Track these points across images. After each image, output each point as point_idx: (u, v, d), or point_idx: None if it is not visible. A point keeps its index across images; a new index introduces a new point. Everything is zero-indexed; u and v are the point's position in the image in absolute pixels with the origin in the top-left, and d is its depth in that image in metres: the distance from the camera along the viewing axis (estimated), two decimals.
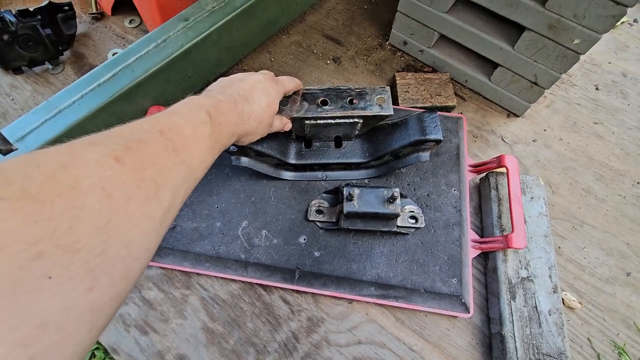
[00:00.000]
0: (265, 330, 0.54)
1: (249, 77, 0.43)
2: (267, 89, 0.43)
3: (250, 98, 0.40)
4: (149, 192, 0.24)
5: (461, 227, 0.58)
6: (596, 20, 0.53)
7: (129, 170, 0.23)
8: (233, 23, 0.67)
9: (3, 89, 0.74)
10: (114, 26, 0.84)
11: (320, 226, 0.57)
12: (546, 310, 0.52)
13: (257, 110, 0.41)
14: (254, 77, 0.43)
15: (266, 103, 0.42)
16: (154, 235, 0.25)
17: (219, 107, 0.35)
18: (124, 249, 0.21)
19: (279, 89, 0.45)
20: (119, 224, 0.21)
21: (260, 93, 0.42)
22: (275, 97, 0.44)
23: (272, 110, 0.44)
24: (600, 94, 0.79)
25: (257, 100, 0.41)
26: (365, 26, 0.86)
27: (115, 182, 0.22)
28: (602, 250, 0.62)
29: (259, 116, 0.41)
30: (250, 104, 0.40)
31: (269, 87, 0.43)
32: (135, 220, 0.22)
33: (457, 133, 0.66)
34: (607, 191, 0.67)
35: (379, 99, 0.52)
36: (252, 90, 0.41)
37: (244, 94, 0.40)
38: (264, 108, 0.42)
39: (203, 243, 0.56)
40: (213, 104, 0.35)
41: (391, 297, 0.54)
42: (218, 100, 0.36)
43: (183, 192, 0.28)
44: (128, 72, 0.59)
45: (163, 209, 0.25)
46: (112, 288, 0.21)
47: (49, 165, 0.20)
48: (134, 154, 0.24)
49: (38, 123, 0.53)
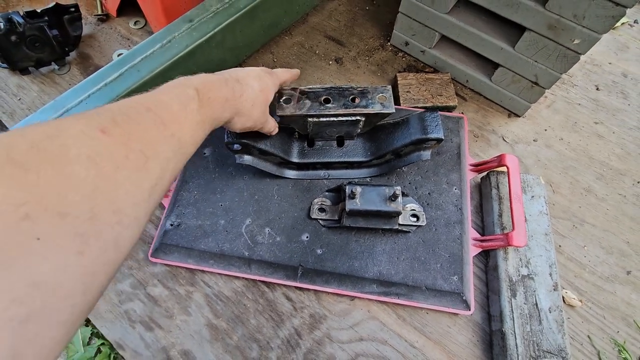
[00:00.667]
0: (269, 326, 0.55)
1: (244, 68, 0.46)
2: (261, 76, 0.45)
3: (243, 81, 0.42)
4: (137, 163, 0.25)
5: (462, 226, 0.58)
6: (596, 20, 0.54)
7: (117, 142, 0.24)
8: (236, 24, 0.68)
9: (10, 89, 0.75)
10: (119, 27, 0.85)
11: (323, 224, 0.58)
12: (546, 307, 0.53)
13: (249, 92, 0.42)
14: (246, 68, 0.46)
15: (259, 87, 0.43)
16: (143, 205, 0.25)
17: (207, 84, 0.36)
18: (113, 216, 0.22)
19: (273, 79, 0.47)
20: (108, 192, 0.22)
21: (253, 79, 0.43)
22: (268, 85, 0.45)
23: (265, 96, 0.45)
24: (601, 94, 0.79)
25: (250, 83, 0.43)
26: (367, 27, 0.87)
27: (101, 152, 0.22)
28: (603, 249, 0.62)
29: (251, 98, 0.42)
30: (242, 85, 0.41)
31: (263, 75, 0.45)
32: (124, 189, 0.23)
33: (458, 133, 0.66)
34: (608, 190, 0.68)
35: (380, 98, 0.53)
36: (245, 75, 0.43)
37: (236, 77, 0.42)
38: (257, 92, 0.43)
39: (207, 240, 0.56)
40: (201, 80, 0.36)
41: (393, 294, 0.54)
42: (207, 78, 0.37)
43: (173, 165, 0.29)
44: (134, 72, 0.60)
45: (152, 181, 0.26)
46: (103, 253, 0.21)
47: (34, 135, 0.20)
48: (121, 127, 0.25)
49: None
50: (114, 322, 0.54)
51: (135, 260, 0.59)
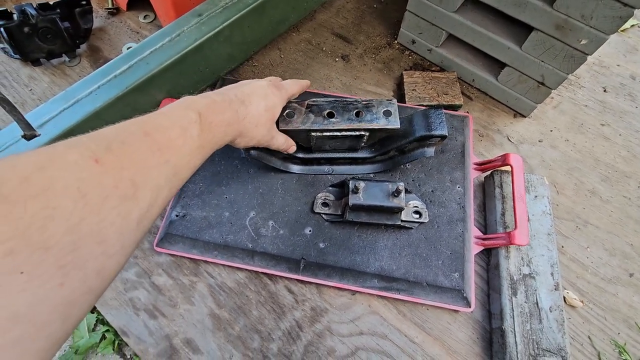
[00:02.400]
0: (270, 318, 0.55)
1: (252, 82, 0.45)
2: (268, 94, 0.44)
3: (247, 101, 0.41)
4: (126, 192, 0.24)
5: (464, 223, 0.59)
6: (603, 21, 0.54)
7: (107, 171, 0.24)
8: (245, 19, 0.69)
9: (22, 79, 0.76)
10: (129, 21, 0.86)
11: (326, 218, 0.58)
12: (547, 306, 0.53)
13: (254, 112, 0.42)
14: (256, 83, 0.44)
15: (264, 107, 0.43)
16: (131, 234, 0.25)
17: (211, 107, 0.36)
18: (97, 247, 0.22)
19: (281, 94, 0.46)
20: (93, 223, 0.22)
21: (259, 97, 0.43)
22: (275, 103, 0.45)
23: (271, 114, 0.44)
24: (608, 96, 0.79)
25: (255, 103, 0.42)
26: (374, 25, 0.87)
27: (91, 183, 0.22)
28: (606, 251, 0.62)
29: (255, 119, 0.42)
30: (246, 106, 0.41)
31: (270, 93, 0.44)
32: (110, 219, 0.23)
33: (463, 131, 0.67)
34: (612, 192, 0.67)
35: (385, 112, 0.53)
36: (251, 94, 0.42)
37: (241, 97, 0.41)
38: (261, 112, 0.43)
39: (212, 232, 0.57)
40: (205, 103, 0.35)
41: (394, 289, 0.55)
42: (212, 99, 0.37)
43: (166, 191, 0.29)
44: (143, 64, 0.61)
45: (141, 210, 0.26)
46: (84, 283, 0.22)
47: (26, 167, 0.21)
48: (115, 155, 0.25)
49: (56, 112, 0.55)
50: (119, 309, 0.55)
51: (141, 249, 0.60)
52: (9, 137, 0.53)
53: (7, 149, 0.53)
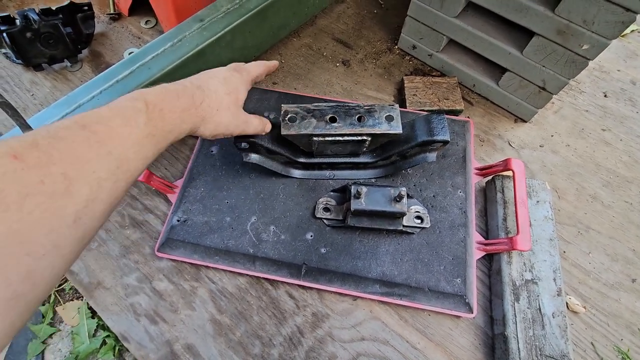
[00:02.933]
0: (271, 323, 0.55)
1: (210, 70, 0.44)
2: (227, 77, 0.43)
3: (204, 86, 0.40)
4: (55, 187, 0.23)
5: (466, 229, 0.58)
6: (605, 26, 0.54)
7: (29, 167, 0.22)
8: (246, 25, 0.69)
9: (24, 84, 0.76)
10: (130, 26, 0.87)
11: (327, 223, 0.58)
12: (550, 312, 0.53)
13: (213, 96, 0.40)
14: (214, 69, 0.44)
15: (225, 91, 0.42)
16: (66, 231, 0.24)
17: (161, 94, 0.35)
18: (20, 248, 0.21)
19: (242, 77, 0.45)
20: (11, 222, 0.21)
21: (217, 81, 0.42)
22: (237, 86, 0.44)
23: (234, 98, 0.43)
24: (609, 102, 0.79)
25: (214, 87, 0.41)
26: (374, 30, 0.88)
27: (8, 180, 0.21)
28: (608, 256, 0.62)
29: (215, 103, 0.40)
30: (203, 91, 0.40)
31: (230, 76, 0.44)
32: (34, 217, 0.22)
33: (464, 136, 0.67)
34: (614, 197, 0.67)
35: (387, 117, 0.53)
36: (208, 79, 0.42)
37: (197, 82, 0.40)
38: (222, 95, 0.41)
39: (213, 237, 0.57)
40: (154, 91, 0.34)
41: (395, 295, 0.55)
42: (162, 87, 0.36)
43: (110, 184, 0.27)
44: (145, 69, 0.61)
45: (78, 204, 0.24)
46: (7, 288, 0.20)
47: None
48: (41, 150, 0.23)
49: (58, 116, 0.55)
50: (120, 314, 0.55)
51: (142, 254, 0.59)
52: None
53: None
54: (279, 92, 0.72)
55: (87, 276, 0.58)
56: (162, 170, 0.67)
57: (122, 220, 0.62)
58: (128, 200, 0.64)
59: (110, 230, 0.61)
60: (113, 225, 0.62)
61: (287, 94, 0.72)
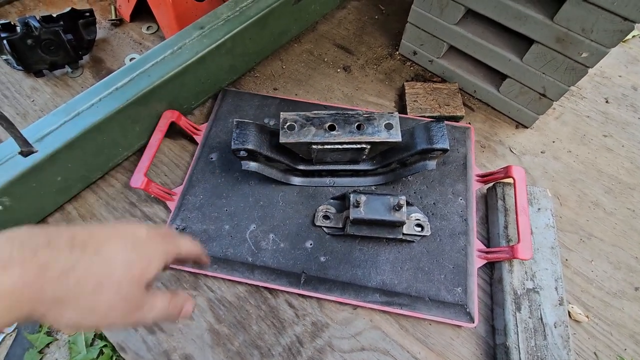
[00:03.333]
0: (270, 333, 0.54)
1: (123, 223, 0.31)
2: (141, 241, 0.29)
3: (92, 247, 0.26)
4: None
5: (467, 237, 0.58)
6: (604, 34, 0.54)
7: None
8: (247, 32, 0.69)
9: (24, 90, 0.76)
10: (131, 32, 0.87)
11: (327, 232, 0.58)
12: (552, 322, 0.52)
13: (96, 265, 0.26)
14: (128, 225, 0.30)
15: (123, 259, 0.27)
16: None
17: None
18: None
19: (165, 247, 0.31)
20: None
21: (121, 244, 0.28)
22: (150, 256, 0.29)
23: (133, 273, 0.27)
24: (610, 107, 0.78)
25: (106, 252, 0.27)
26: (375, 36, 0.88)
27: None
28: (610, 264, 0.61)
29: (95, 276, 0.26)
30: (81, 254, 0.25)
31: (147, 240, 0.29)
32: None
33: (465, 143, 0.66)
34: (616, 204, 0.67)
35: (387, 125, 0.53)
36: (107, 237, 0.28)
37: (83, 237, 0.26)
38: (115, 267, 0.27)
39: (211, 245, 0.57)
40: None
41: (396, 304, 0.54)
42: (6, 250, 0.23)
43: None
44: (145, 77, 0.61)
45: None
46: None
47: None
48: None
49: (57, 125, 0.55)
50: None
51: None
52: (8, 150, 0.53)
53: (6, 161, 0.53)
54: (279, 99, 0.72)
55: None
56: (162, 177, 0.67)
57: None
58: (127, 207, 0.64)
59: None
60: None
61: (287, 100, 0.72)
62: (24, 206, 0.56)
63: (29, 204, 0.57)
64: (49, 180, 0.56)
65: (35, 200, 0.57)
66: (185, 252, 0.34)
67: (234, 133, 0.53)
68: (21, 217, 0.58)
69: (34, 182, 0.54)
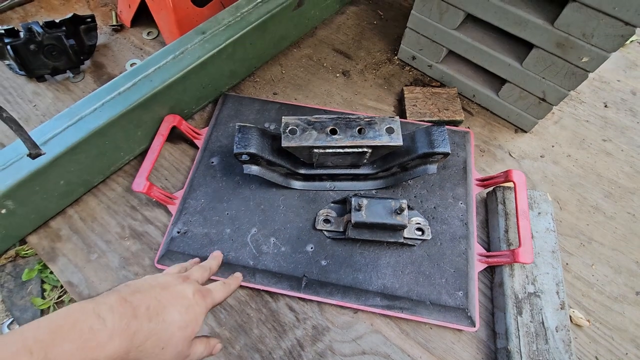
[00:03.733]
0: (271, 337, 0.54)
1: (175, 287, 0.36)
2: (190, 305, 0.36)
3: (162, 315, 0.33)
4: None
5: (467, 241, 0.58)
6: (605, 39, 0.54)
7: None
8: (247, 37, 0.70)
9: (27, 95, 0.77)
10: (132, 37, 0.88)
11: (328, 235, 0.58)
12: (553, 326, 0.52)
13: (163, 332, 0.33)
14: (180, 289, 0.36)
15: (181, 323, 0.34)
16: None
17: (84, 336, 0.27)
18: None
19: (207, 303, 0.38)
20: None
21: (177, 311, 0.34)
22: (197, 316, 0.36)
23: (188, 333, 0.35)
24: (609, 112, 0.79)
25: (170, 318, 0.33)
26: (374, 41, 0.88)
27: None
28: (611, 268, 0.61)
29: (162, 340, 0.32)
30: (155, 324, 0.32)
31: (194, 304, 0.36)
32: None
33: (465, 147, 0.67)
34: (616, 208, 0.67)
35: (388, 129, 0.53)
36: (168, 305, 0.34)
37: (156, 309, 0.33)
38: (174, 330, 0.34)
39: (213, 249, 0.57)
40: (72, 330, 0.27)
41: (396, 308, 0.54)
42: (96, 321, 0.28)
43: None
44: (147, 82, 0.61)
45: None
46: None
47: None
48: None
49: (61, 129, 0.56)
50: None
51: (141, 266, 0.59)
52: (13, 154, 0.53)
53: (11, 165, 0.53)
54: (279, 103, 0.72)
55: (86, 288, 0.58)
56: (163, 181, 0.67)
57: (122, 232, 0.62)
58: (128, 211, 0.64)
59: (110, 242, 0.61)
60: (113, 236, 0.62)
61: (287, 104, 0.72)
62: (27, 210, 0.56)
63: (32, 207, 0.57)
64: (52, 184, 0.57)
65: (38, 204, 0.57)
66: (220, 299, 0.41)
67: (236, 137, 0.53)
68: (24, 221, 0.58)
69: (38, 186, 0.55)
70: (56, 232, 0.62)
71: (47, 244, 0.61)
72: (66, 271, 0.59)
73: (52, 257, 0.60)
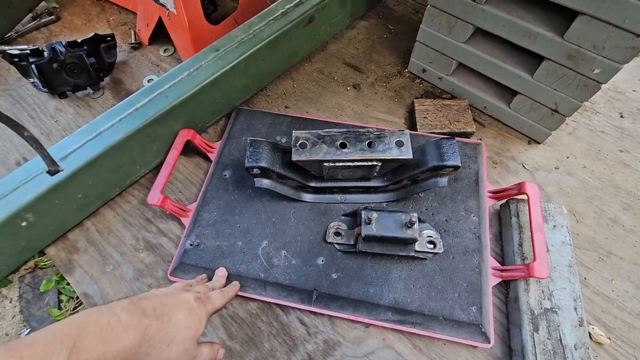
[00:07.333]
0: (282, 350, 0.54)
1: (177, 294, 0.42)
2: (193, 309, 0.41)
3: (167, 315, 0.38)
4: None
5: (481, 254, 0.57)
6: (616, 51, 0.54)
7: None
8: (260, 53, 0.72)
9: (49, 111, 0.80)
10: (150, 54, 0.91)
11: (338, 248, 0.58)
12: (572, 344, 0.50)
13: (169, 329, 0.38)
14: (182, 296, 0.42)
15: (185, 324, 0.39)
16: None
17: (98, 334, 0.32)
18: None
19: (207, 309, 0.43)
20: None
21: (182, 312, 0.40)
22: (199, 320, 0.41)
23: (192, 332, 0.40)
24: (626, 122, 0.77)
25: (175, 319, 0.39)
26: (384, 54, 0.89)
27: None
28: (632, 283, 0.59)
29: (168, 337, 0.38)
30: (162, 322, 0.37)
31: (196, 308, 0.42)
32: None
33: (476, 159, 0.66)
34: (636, 221, 0.65)
35: (397, 142, 0.53)
36: (174, 308, 0.40)
37: (161, 310, 0.38)
38: (180, 329, 0.39)
39: (224, 261, 0.57)
40: (92, 330, 0.32)
41: (409, 323, 0.53)
42: (107, 322, 0.33)
43: None
44: (162, 98, 0.64)
45: None
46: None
47: None
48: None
49: (80, 144, 0.58)
50: None
51: (155, 278, 0.60)
52: (34, 168, 0.56)
53: (32, 179, 0.55)
54: (290, 117, 0.73)
55: (101, 299, 0.59)
56: (177, 193, 0.69)
57: (136, 244, 0.63)
58: (143, 223, 0.65)
59: (125, 254, 0.62)
60: (128, 248, 0.63)
61: (298, 118, 0.73)
62: (46, 222, 0.58)
63: (51, 220, 0.59)
64: (70, 197, 0.58)
65: (57, 217, 0.59)
66: (219, 305, 0.46)
67: (248, 151, 0.54)
68: (43, 233, 0.60)
69: (57, 199, 0.57)
70: (73, 244, 0.64)
71: (65, 255, 0.63)
72: (82, 282, 0.60)
73: (69, 269, 0.61)
